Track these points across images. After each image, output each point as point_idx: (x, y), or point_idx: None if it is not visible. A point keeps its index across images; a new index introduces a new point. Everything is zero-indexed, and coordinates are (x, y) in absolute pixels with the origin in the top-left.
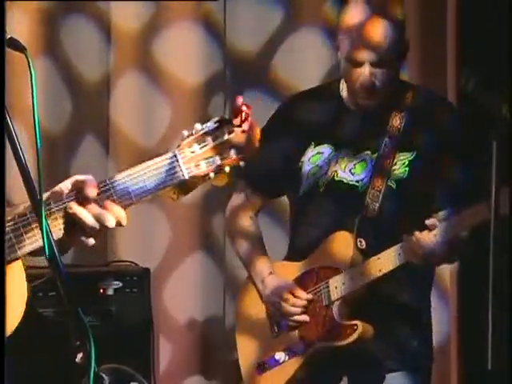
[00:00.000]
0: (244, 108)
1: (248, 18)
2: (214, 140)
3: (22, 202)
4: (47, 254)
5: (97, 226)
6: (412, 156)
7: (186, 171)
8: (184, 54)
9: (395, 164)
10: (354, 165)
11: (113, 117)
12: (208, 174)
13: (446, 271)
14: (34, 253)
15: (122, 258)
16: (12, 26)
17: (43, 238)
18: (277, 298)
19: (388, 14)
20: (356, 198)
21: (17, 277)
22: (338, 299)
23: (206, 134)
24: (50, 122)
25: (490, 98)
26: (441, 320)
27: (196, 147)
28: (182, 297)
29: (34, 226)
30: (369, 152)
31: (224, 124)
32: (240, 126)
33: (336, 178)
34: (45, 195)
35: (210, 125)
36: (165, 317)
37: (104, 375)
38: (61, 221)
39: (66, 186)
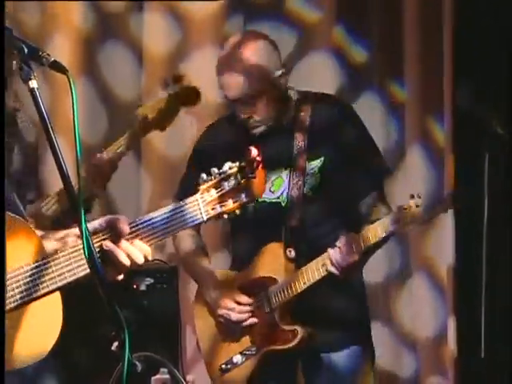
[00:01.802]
0: (258, 158)
1: None
2: (228, 185)
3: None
4: (86, 254)
5: (128, 263)
6: (321, 163)
7: (204, 214)
8: (208, 75)
9: (307, 174)
10: (272, 183)
11: None
12: (222, 216)
13: (443, 267)
14: None
15: (153, 257)
16: (55, 50)
17: (83, 241)
18: (224, 310)
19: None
20: (280, 212)
21: (53, 305)
22: (277, 306)
23: (222, 179)
24: (88, 137)
25: (483, 111)
26: (439, 312)
27: (213, 192)
28: None
29: (73, 261)
30: (282, 168)
31: (238, 171)
32: (252, 173)
33: (259, 200)
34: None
35: (225, 170)
36: (191, 310)
37: (136, 362)
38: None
39: (100, 223)
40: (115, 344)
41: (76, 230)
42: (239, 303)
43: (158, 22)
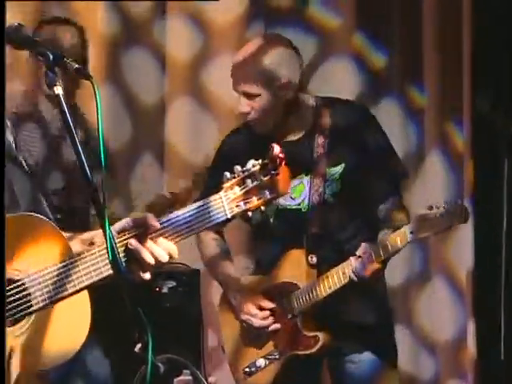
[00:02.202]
0: (280, 155)
1: None
2: (252, 182)
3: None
4: (110, 257)
5: (153, 261)
6: (341, 169)
7: (228, 211)
8: (230, 80)
9: (328, 180)
10: (293, 189)
11: (167, 136)
12: (246, 212)
13: (462, 272)
14: None
15: (174, 260)
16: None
17: (106, 243)
18: (246, 316)
19: None
20: (302, 218)
21: (81, 304)
22: (299, 312)
23: (246, 176)
24: (111, 141)
25: (502, 117)
26: (458, 315)
27: (237, 189)
28: None
29: (99, 260)
30: (302, 175)
31: (261, 168)
32: (275, 170)
33: (280, 207)
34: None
35: (249, 168)
36: (212, 312)
37: (160, 364)
38: (121, 255)
39: (127, 222)
40: (138, 346)
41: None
42: (262, 308)
43: (181, 29)
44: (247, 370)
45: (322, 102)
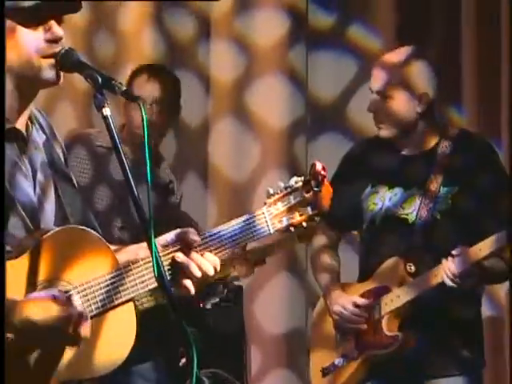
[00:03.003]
0: (322, 172)
1: (327, 69)
2: (294, 198)
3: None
4: (156, 273)
5: (200, 274)
6: (455, 191)
7: (271, 226)
8: (271, 101)
9: (439, 197)
10: (404, 200)
11: (211, 156)
12: (289, 228)
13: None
14: None
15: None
16: (127, 78)
17: (152, 259)
18: (339, 307)
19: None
20: (406, 228)
21: (127, 315)
22: (386, 313)
23: (288, 193)
24: None
25: None
26: (496, 331)
27: (280, 205)
28: (270, 311)
29: (145, 272)
30: (416, 189)
31: (304, 184)
32: (317, 186)
33: (389, 213)
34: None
35: (291, 184)
36: (255, 328)
37: (204, 378)
38: (167, 268)
39: (170, 237)
40: (183, 360)
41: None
42: (356, 305)
43: (224, 51)
44: (325, 369)
45: (447, 128)
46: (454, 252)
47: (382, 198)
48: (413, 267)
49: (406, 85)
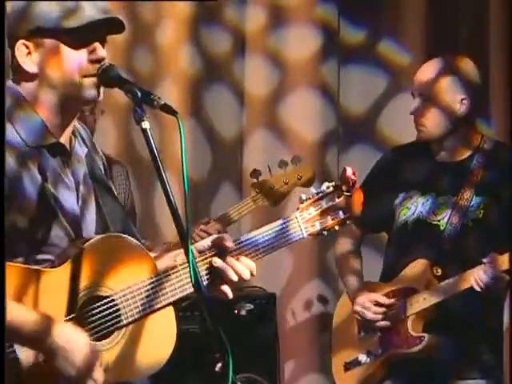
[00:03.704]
0: (353, 177)
1: (358, 83)
2: (326, 203)
3: (163, 253)
4: (193, 281)
5: (236, 278)
6: (488, 200)
7: (304, 230)
8: (304, 114)
9: (472, 206)
10: (437, 207)
11: (245, 167)
12: (322, 232)
13: None
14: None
15: (252, 284)
16: (165, 93)
17: (190, 268)
18: (359, 307)
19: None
20: (437, 234)
21: (167, 319)
22: (412, 314)
23: (320, 198)
24: (194, 171)
25: None
26: None
27: (312, 210)
28: (303, 317)
29: (183, 277)
30: (449, 196)
31: (335, 189)
32: (348, 191)
33: (421, 218)
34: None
35: (323, 189)
36: (288, 334)
37: (239, 383)
38: (204, 272)
39: (206, 243)
40: (219, 365)
41: None
42: (377, 303)
43: (259, 66)
44: (348, 364)
45: (485, 139)
46: (484, 259)
47: (416, 203)
48: (440, 271)
49: (449, 89)
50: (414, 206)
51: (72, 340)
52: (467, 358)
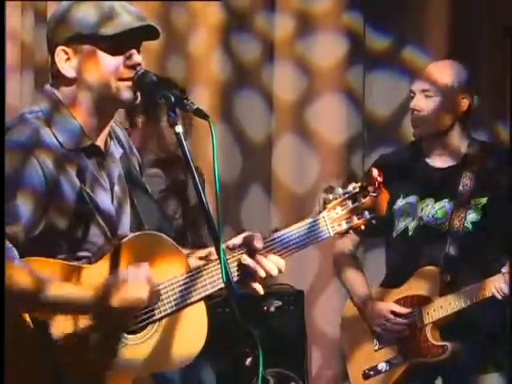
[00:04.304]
0: (378, 178)
1: (383, 88)
2: (352, 203)
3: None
4: (224, 279)
5: (264, 275)
6: (485, 201)
7: (331, 229)
8: (330, 118)
9: (470, 209)
10: (436, 211)
11: (274, 170)
12: (348, 231)
13: None
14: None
15: (280, 282)
16: (197, 98)
17: (221, 266)
18: (381, 319)
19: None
20: (439, 238)
21: (199, 313)
22: (429, 323)
23: (347, 198)
24: (224, 173)
25: None
26: None
27: (339, 209)
28: (329, 314)
29: (214, 273)
30: (447, 200)
31: (360, 190)
32: (374, 192)
33: (421, 223)
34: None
35: (350, 190)
36: (315, 330)
37: (269, 377)
38: (234, 269)
39: (237, 240)
40: (249, 360)
41: None
42: (395, 314)
43: (287, 72)
44: (367, 371)
45: (476, 142)
46: (503, 269)
47: (415, 208)
48: (448, 277)
49: (447, 89)
50: (414, 212)
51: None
52: (485, 363)
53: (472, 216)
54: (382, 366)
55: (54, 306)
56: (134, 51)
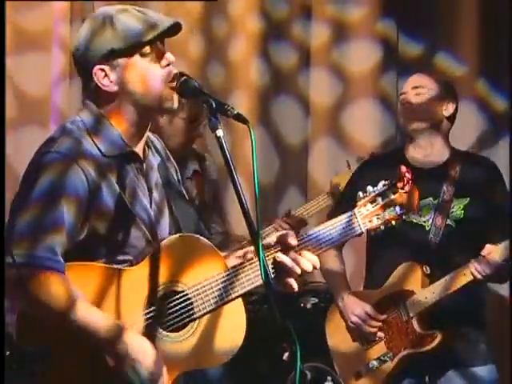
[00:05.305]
0: (407, 174)
1: None
2: (382, 200)
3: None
4: (263, 277)
5: (299, 271)
6: (467, 201)
7: (362, 226)
8: (364, 122)
9: (453, 207)
10: (421, 208)
11: (310, 172)
12: (379, 227)
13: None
14: None
15: (316, 279)
16: (236, 104)
17: (260, 266)
18: (356, 318)
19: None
20: (422, 234)
21: (238, 310)
22: (415, 314)
23: (377, 195)
24: (262, 175)
25: None
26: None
27: (369, 206)
28: None
29: (251, 272)
30: (431, 198)
31: (390, 187)
32: (403, 188)
33: (407, 220)
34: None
35: (380, 187)
36: None
37: (307, 371)
38: (270, 267)
39: (272, 239)
40: (286, 354)
41: (252, 248)
42: (371, 317)
43: (323, 77)
44: (359, 372)
45: (458, 150)
46: (482, 252)
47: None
48: (429, 269)
49: (435, 88)
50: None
51: (141, 350)
52: (470, 348)
53: (454, 214)
54: (373, 363)
55: (78, 327)
56: (165, 51)
